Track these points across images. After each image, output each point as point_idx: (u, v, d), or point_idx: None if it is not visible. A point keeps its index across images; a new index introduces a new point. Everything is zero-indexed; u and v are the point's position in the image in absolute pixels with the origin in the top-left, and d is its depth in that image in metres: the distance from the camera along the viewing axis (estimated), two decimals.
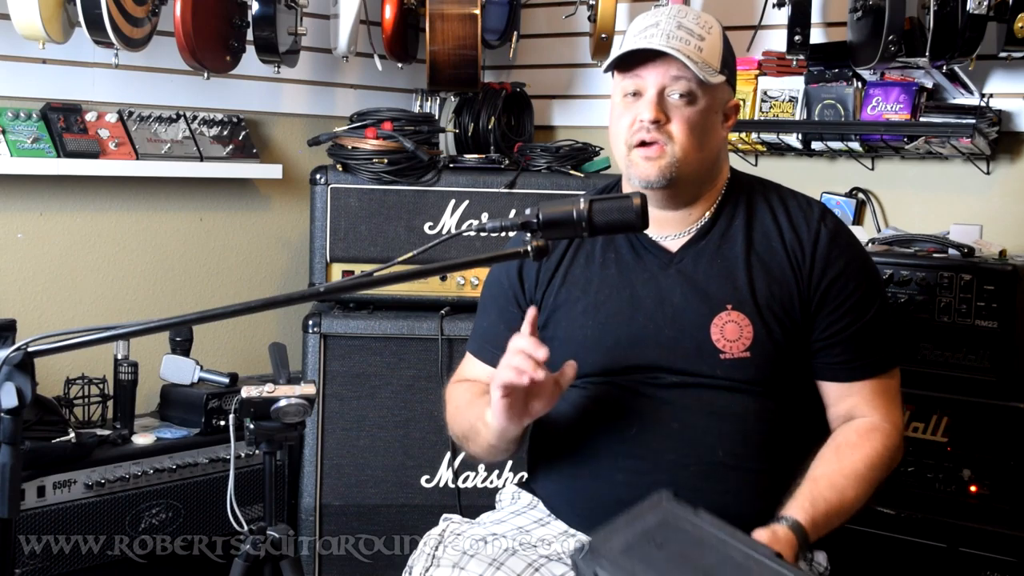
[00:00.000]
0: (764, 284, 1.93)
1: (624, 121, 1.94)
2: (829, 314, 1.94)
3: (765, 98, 3.16)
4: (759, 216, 1.99)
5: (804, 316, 1.94)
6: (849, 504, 1.87)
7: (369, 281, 1.75)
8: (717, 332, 1.91)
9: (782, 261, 1.95)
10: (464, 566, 1.82)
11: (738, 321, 1.91)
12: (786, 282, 1.94)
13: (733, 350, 1.91)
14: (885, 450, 1.92)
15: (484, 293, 2.15)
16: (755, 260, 1.95)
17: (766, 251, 1.96)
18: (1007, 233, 2.89)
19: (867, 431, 1.93)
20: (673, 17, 1.92)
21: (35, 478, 2.56)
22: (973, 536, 2.47)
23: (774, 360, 1.92)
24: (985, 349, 2.51)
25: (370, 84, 3.68)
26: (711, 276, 1.95)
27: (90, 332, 1.55)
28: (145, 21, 2.75)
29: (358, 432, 3.03)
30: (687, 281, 1.96)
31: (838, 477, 1.87)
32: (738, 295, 1.93)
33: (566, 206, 1.70)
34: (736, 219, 1.99)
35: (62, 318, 3.04)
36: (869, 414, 1.96)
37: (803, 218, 1.98)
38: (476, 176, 3.10)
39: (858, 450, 1.90)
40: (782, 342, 1.92)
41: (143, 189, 3.20)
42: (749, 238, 1.97)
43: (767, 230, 1.98)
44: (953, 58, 2.73)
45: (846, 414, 1.97)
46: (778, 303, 1.93)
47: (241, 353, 3.45)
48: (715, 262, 1.96)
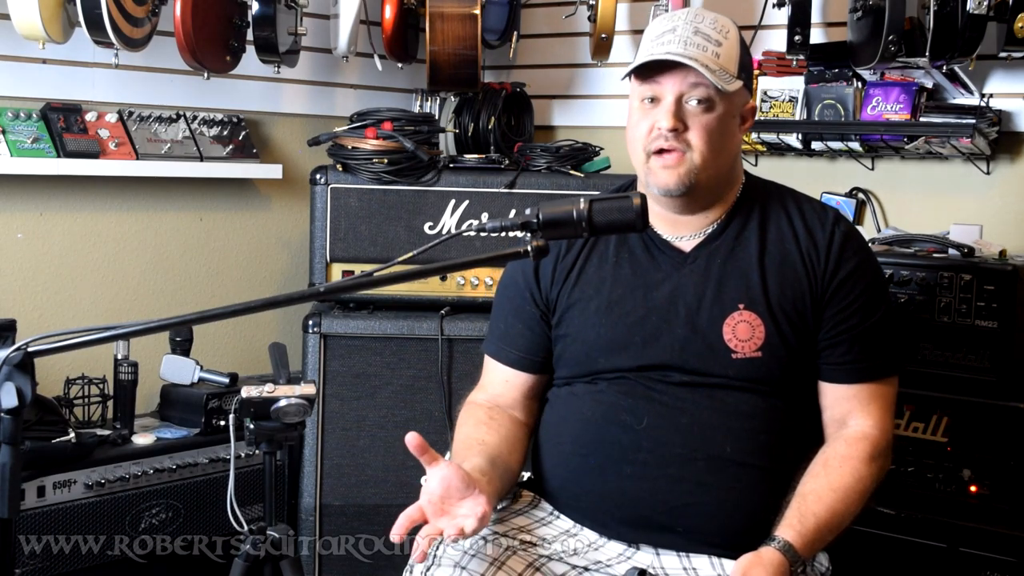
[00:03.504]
0: (777, 285, 1.94)
1: (642, 127, 1.94)
2: (837, 313, 1.94)
3: (765, 98, 3.16)
4: (773, 219, 2.00)
5: (815, 316, 1.95)
6: (840, 518, 1.88)
7: (369, 281, 1.75)
8: (729, 332, 1.92)
9: (795, 262, 1.96)
10: (465, 565, 1.82)
11: (750, 321, 1.92)
12: (799, 283, 1.95)
13: (745, 350, 1.92)
14: (872, 460, 1.93)
15: (499, 294, 2.15)
16: (768, 261, 1.96)
17: (780, 252, 1.97)
18: (1007, 233, 2.89)
19: (855, 440, 1.94)
20: (690, 22, 1.92)
21: (35, 478, 2.56)
22: (973, 536, 2.47)
23: (785, 360, 1.93)
24: (985, 349, 2.51)
25: (370, 84, 3.68)
26: (724, 276, 1.96)
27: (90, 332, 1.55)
28: (145, 21, 2.75)
29: (358, 432, 3.03)
30: (700, 281, 1.96)
31: (826, 492, 1.87)
32: (751, 295, 1.94)
33: (566, 206, 1.70)
34: (750, 222, 2.00)
35: (62, 318, 3.04)
36: (862, 420, 1.96)
37: (818, 221, 1.99)
38: (476, 176, 3.10)
39: (846, 463, 1.91)
40: (793, 343, 1.93)
41: (143, 189, 3.19)
42: (763, 240, 1.98)
43: (782, 233, 1.98)
44: (953, 58, 2.73)
45: (840, 418, 1.98)
46: (790, 303, 1.94)
47: (241, 353, 3.45)
48: (728, 262, 1.97)
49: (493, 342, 2.13)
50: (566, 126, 3.79)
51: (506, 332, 2.10)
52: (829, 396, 1.99)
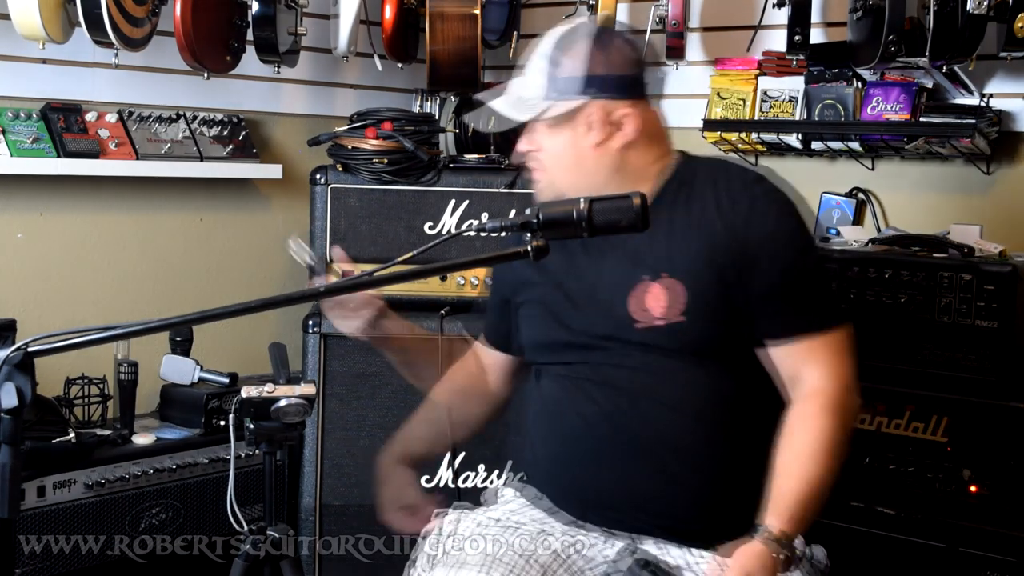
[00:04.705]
0: (699, 249, 1.94)
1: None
2: (763, 272, 1.92)
3: (765, 98, 3.16)
4: (698, 191, 1.99)
5: (742, 276, 1.92)
6: (817, 483, 1.85)
7: (369, 281, 1.75)
8: (652, 299, 1.93)
9: (715, 224, 1.95)
10: (464, 562, 1.82)
11: (673, 288, 1.92)
12: (721, 245, 1.93)
13: (670, 315, 1.92)
14: (831, 412, 1.89)
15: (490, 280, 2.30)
16: (692, 231, 1.96)
17: (702, 219, 1.96)
18: (1007, 233, 2.89)
19: (809, 397, 1.90)
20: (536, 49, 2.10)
21: (35, 478, 2.56)
22: (973, 536, 2.47)
23: (711, 323, 1.92)
24: (985, 349, 2.51)
25: (370, 84, 3.68)
26: (645, 245, 1.95)
27: (90, 332, 1.55)
28: (145, 21, 2.75)
29: (358, 432, 3.03)
30: (622, 252, 1.97)
31: (792, 461, 1.85)
32: (671, 262, 1.94)
33: (566, 206, 1.70)
34: (678, 197, 1.99)
35: (62, 318, 3.04)
36: (813, 373, 1.92)
37: (740, 184, 1.99)
38: (476, 176, 3.10)
39: (804, 422, 1.88)
40: (719, 305, 1.92)
41: (143, 189, 3.19)
42: (688, 211, 1.98)
43: (705, 201, 1.98)
44: (953, 58, 2.73)
45: (792, 377, 1.94)
46: (715, 266, 1.92)
47: (241, 353, 3.45)
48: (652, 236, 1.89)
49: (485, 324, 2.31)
50: None
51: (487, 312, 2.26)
52: (775, 357, 1.95)
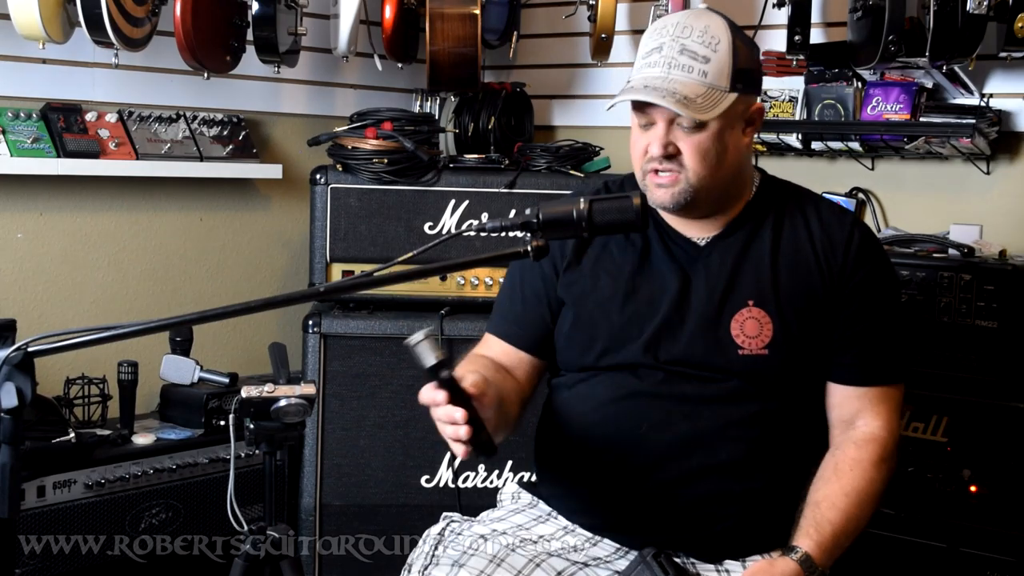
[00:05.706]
0: (789, 283, 1.93)
1: (639, 146, 1.93)
2: (853, 313, 1.93)
3: (765, 98, 3.16)
4: (789, 219, 1.98)
5: (828, 316, 1.93)
6: (855, 522, 1.88)
7: (369, 281, 1.75)
8: (737, 328, 1.91)
9: (810, 261, 1.94)
10: (464, 563, 1.82)
11: (759, 318, 1.91)
12: (812, 282, 1.93)
13: (752, 347, 1.91)
14: (883, 463, 1.94)
15: (515, 275, 2.10)
16: (782, 259, 1.95)
17: (794, 251, 1.95)
18: (1007, 233, 2.89)
19: (865, 443, 1.93)
20: (677, 38, 1.87)
21: (35, 478, 2.56)
22: (973, 536, 2.47)
23: (791, 360, 1.92)
24: (985, 349, 2.51)
25: (370, 84, 3.68)
26: (736, 271, 1.94)
27: (90, 332, 1.55)
28: (145, 21, 2.75)
29: (358, 432, 3.03)
30: (713, 274, 1.95)
31: (840, 497, 1.87)
32: (761, 292, 1.92)
33: (566, 206, 1.70)
34: (766, 221, 1.98)
35: (62, 318, 3.04)
36: (871, 421, 1.95)
37: (836, 222, 1.98)
38: (476, 176, 3.10)
39: (857, 466, 1.91)
40: (802, 342, 1.92)
41: (143, 189, 3.19)
42: (777, 239, 1.96)
43: (797, 232, 1.97)
44: (953, 58, 2.73)
45: (848, 419, 1.97)
46: (802, 302, 1.92)
47: (241, 353, 3.45)
48: (741, 258, 1.95)
49: (500, 323, 2.10)
50: (566, 126, 3.79)
51: (511, 310, 2.08)
52: (838, 395, 1.97)
